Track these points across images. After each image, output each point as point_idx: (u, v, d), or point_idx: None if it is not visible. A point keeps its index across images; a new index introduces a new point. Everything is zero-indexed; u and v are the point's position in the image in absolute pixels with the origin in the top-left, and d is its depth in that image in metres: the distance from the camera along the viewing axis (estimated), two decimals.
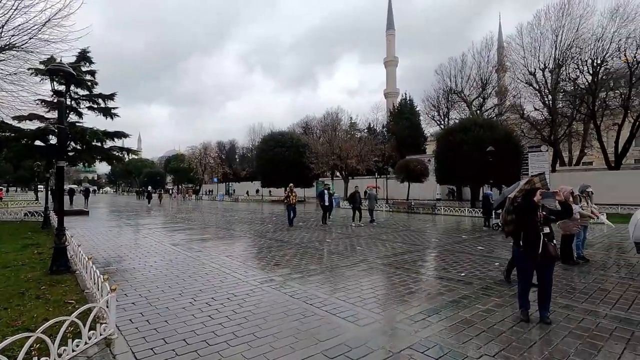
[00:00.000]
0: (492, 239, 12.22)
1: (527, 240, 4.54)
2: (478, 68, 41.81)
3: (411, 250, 10.09)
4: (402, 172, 34.15)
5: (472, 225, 16.73)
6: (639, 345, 3.96)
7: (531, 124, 37.36)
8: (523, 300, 4.73)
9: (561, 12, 34.27)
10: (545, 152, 31.73)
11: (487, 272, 7.31)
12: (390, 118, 54.56)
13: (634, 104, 30.96)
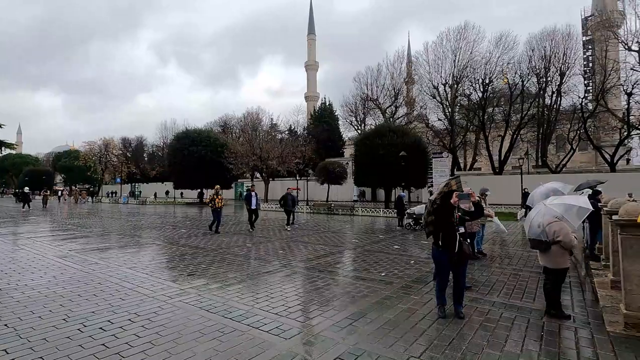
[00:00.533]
0: (406, 237, 13.04)
1: (445, 240, 4.76)
2: (391, 78, 45.12)
3: (333, 252, 10.13)
4: (322, 174, 34.92)
5: (387, 225, 17.73)
6: (535, 332, 4.42)
7: (435, 132, 41.62)
8: (441, 298, 4.96)
9: (459, 35, 38.93)
10: (446, 158, 35.58)
11: (405, 271, 7.64)
12: (311, 121, 55.62)
13: (512, 120, 36.65)
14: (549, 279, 5.00)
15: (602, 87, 32.45)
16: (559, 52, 34.02)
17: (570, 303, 5.55)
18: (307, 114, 68.30)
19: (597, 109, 33.18)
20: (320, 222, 19.18)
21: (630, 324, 4.27)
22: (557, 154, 40.78)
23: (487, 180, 32.44)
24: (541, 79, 34.85)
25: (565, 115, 35.64)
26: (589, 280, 6.89)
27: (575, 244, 4.82)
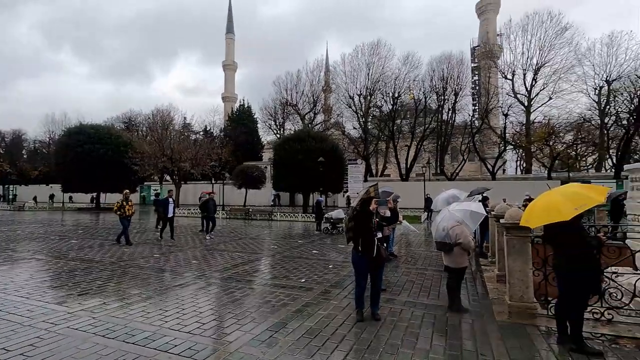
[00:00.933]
0: (324, 242, 13.32)
1: (364, 245, 4.94)
2: (310, 85, 46.22)
3: (251, 259, 9.79)
4: (240, 177, 33.86)
5: (306, 229, 17.93)
6: (441, 327, 4.84)
7: (350, 140, 43.88)
8: (359, 301, 5.11)
9: (372, 50, 41.87)
10: (360, 165, 37.65)
11: (324, 276, 7.74)
12: (228, 122, 53.65)
13: (417, 131, 40.68)
14: (451, 277, 5.56)
15: (486, 107, 38.21)
16: (454, 74, 38.97)
17: (467, 297, 6.25)
18: (225, 115, 65.80)
19: (482, 126, 38.86)
20: (238, 228, 18.49)
21: (514, 313, 4.96)
22: (452, 163, 46.48)
23: (395, 186, 35.27)
24: (440, 97, 39.43)
25: (458, 130, 40.90)
26: (480, 275, 7.88)
27: (473, 245, 5.45)
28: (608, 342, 4.24)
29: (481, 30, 59.86)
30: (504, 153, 39.43)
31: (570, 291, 4.03)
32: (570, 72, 33.86)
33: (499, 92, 38.87)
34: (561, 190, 4.10)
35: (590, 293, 4.11)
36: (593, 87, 32.89)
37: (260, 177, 35.00)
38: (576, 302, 4.02)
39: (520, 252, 4.92)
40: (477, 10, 64.62)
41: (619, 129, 32.17)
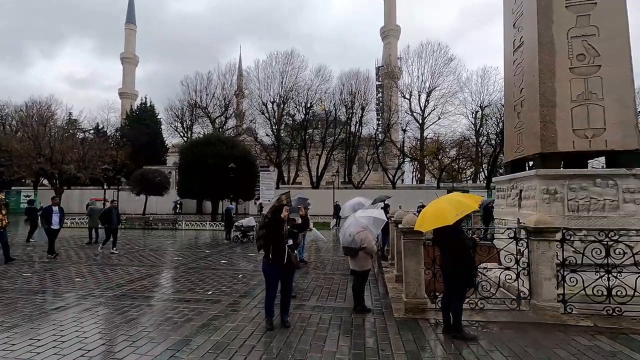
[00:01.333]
0: (234, 251, 12.88)
1: (275, 253, 4.93)
2: (222, 89, 44.56)
3: (151, 273, 8.92)
4: (139, 183, 30.67)
5: (214, 238, 17.09)
6: (346, 328, 5.09)
7: (263, 147, 43.56)
8: (269, 310, 5.07)
9: (286, 60, 42.55)
10: (272, 172, 37.60)
11: (233, 286, 7.47)
12: (126, 121, 48.22)
13: (327, 141, 42.46)
14: (357, 279, 5.92)
15: (388, 123, 42.04)
16: (361, 90, 41.98)
17: (370, 297, 6.72)
18: (122, 113, 59.05)
19: (385, 140, 42.57)
20: (135, 239, 16.63)
21: (409, 309, 5.51)
22: (359, 172, 49.69)
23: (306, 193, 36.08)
24: (348, 110, 41.98)
25: (364, 141, 44.02)
26: (381, 277, 8.55)
27: (376, 250, 5.90)
28: (480, 328, 5.00)
29: (384, 53, 65.87)
30: (402, 164, 43.81)
31: (453, 286, 4.67)
32: (454, 97, 39.73)
33: (399, 110, 43.29)
34: (446, 199, 4.75)
35: (467, 287, 4.81)
36: (471, 111, 39.08)
37: (164, 183, 32.25)
38: (457, 295, 4.67)
39: (414, 254, 5.52)
40: (382, 34, 71.08)
41: (490, 147, 38.67)
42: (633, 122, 6.40)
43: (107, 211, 12.78)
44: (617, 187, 6.05)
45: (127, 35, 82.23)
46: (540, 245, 5.22)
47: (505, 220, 7.58)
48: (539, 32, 6.63)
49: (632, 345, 4.33)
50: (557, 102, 6.46)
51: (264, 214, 5.12)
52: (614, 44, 6.35)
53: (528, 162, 7.64)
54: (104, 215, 12.68)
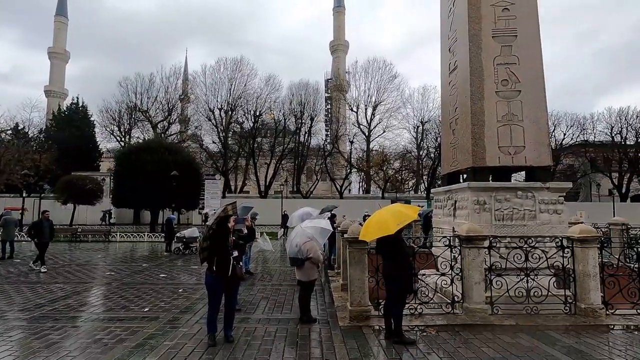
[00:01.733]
0: (174, 264, 12.18)
1: (219, 265, 4.76)
2: (166, 92, 42.40)
3: (78, 290, 8.09)
4: (67, 191, 27.82)
5: (153, 251, 16.02)
6: (292, 339, 5.05)
7: (209, 154, 42.07)
8: (212, 325, 4.86)
9: (235, 66, 41.89)
10: (218, 180, 36.47)
11: (172, 302, 7.05)
12: (53, 122, 43.65)
13: (276, 151, 42.27)
14: (303, 290, 5.92)
15: (336, 134, 43.10)
16: (310, 101, 42.63)
17: (316, 307, 6.75)
18: (48, 113, 53.41)
19: (333, 150, 43.50)
20: (60, 252, 14.98)
21: (353, 317, 5.63)
22: (307, 182, 50.01)
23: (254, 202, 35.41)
24: (298, 120, 42.32)
25: (313, 152, 44.57)
26: (327, 286, 8.65)
27: (322, 259, 5.97)
28: (419, 332, 5.27)
29: (333, 66, 67.77)
30: (349, 175, 45.01)
31: (394, 292, 4.89)
32: (397, 111, 42.07)
33: (347, 122, 44.68)
34: (388, 209, 4.99)
35: (407, 293, 5.06)
36: (413, 126, 41.60)
37: (96, 191, 29.62)
38: (397, 301, 4.89)
39: (359, 262, 5.68)
40: (331, 48, 73.15)
41: (429, 160, 41.32)
42: (546, 142, 7.29)
43: (37, 223, 11.16)
44: (534, 199, 6.80)
45: (57, 28, 75.09)
46: (470, 252, 5.68)
47: (442, 228, 8.12)
48: (470, 58, 7.30)
49: (547, 341, 4.85)
50: (486, 122, 7.13)
51: (209, 224, 4.93)
52: (531, 72, 7.21)
53: (462, 175, 8.29)
54: (34, 228, 11.03)
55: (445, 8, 8.94)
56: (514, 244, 6.01)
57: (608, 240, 9.83)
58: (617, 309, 5.70)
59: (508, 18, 7.37)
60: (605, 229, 11.14)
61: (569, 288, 5.88)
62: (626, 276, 5.99)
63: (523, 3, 7.41)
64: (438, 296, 6.44)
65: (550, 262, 5.90)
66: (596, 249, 5.75)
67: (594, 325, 5.33)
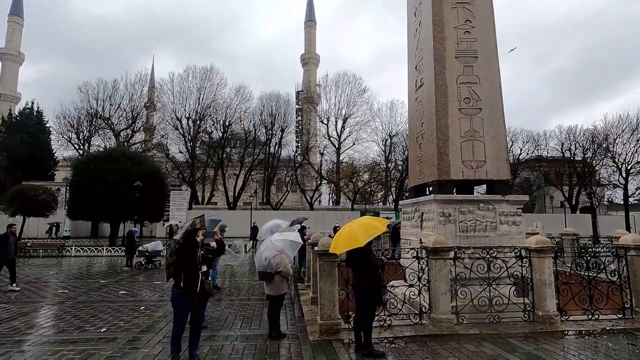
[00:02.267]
0: (136, 279, 11.55)
1: (187, 280, 4.55)
2: (130, 100, 40.80)
3: (25, 311, 7.45)
4: (16, 201, 25.75)
5: (112, 266, 15.12)
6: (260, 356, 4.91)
7: (175, 164, 40.74)
8: (176, 345, 4.63)
9: (205, 75, 41.27)
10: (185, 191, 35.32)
11: (133, 320, 6.65)
12: (3, 128, 40.61)
13: (246, 161, 41.71)
14: (272, 304, 5.80)
15: (307, 146, 43.30)
16: (281, 112, 42.60)
17: (286, 321, 6.62)
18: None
19: (303, 162, 43.59)
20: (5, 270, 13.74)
21: (323, 331, 5.58)
22: (277, 193, 49.59)
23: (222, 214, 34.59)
24: (268, 131, 42.11)
25: (283, 163, 44.42)
26: (297, 299, 8.53)
27: (291, 273, 5.90)
28: (388, 344, 5.31)
29: (304, 78, 68.53)
30: (320, 186, 45.17)
31: (363, 305, 4.90)
32: (367, 125, 43.02)
33: (317, 134, 45.04)
34: (357, 222, 5.05)
35: (377, 305, 5.09)
36: (382, 139, 42.63)
37: (49, 202, 27.62)
38: (367, 313, 4.91)
39: (329, 275, 5.66)
40: (302, 61, 73.99)
41: (397, 173, 42.39)
42: (505, 157, 7.72)
43: (3, 238, 10.04)
44: (495, 211, 7.14)
45: (11, 28, 70.68)
46: (437, 263, 5.84)
47: (410, 240, 8.30)
48: (435, 77, 7.65)
49: (508, 348, 5.05)
50: (450, 137, 7.46)
51: (175, 238, 4.72)
52: (490, 92, 7.66)
53: (428, 187, 8.57)
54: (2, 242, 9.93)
55: (412, 27, 9.35)
56: (477, 254, 6.26)
57: (561, 250, 10.47)
58: (570, 315, 6.04)
59: (469, 40, 7.81)
60: (558, 239, 11.87)
61: (528, 296, 6.18)
62: (577, 284, 6.39)
63: (482, 27, 7.90)
64: (407, 307, 6.53)
65: (510, 271, 6.19)
66: (551, 258, 6.10)
67: (550, 331, 5.62)
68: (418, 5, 8.94)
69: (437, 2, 7.93)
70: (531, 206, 43.31)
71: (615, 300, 6.33)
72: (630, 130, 37.43)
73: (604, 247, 11.64)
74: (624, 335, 5.51)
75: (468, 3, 7.98)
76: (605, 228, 33.84)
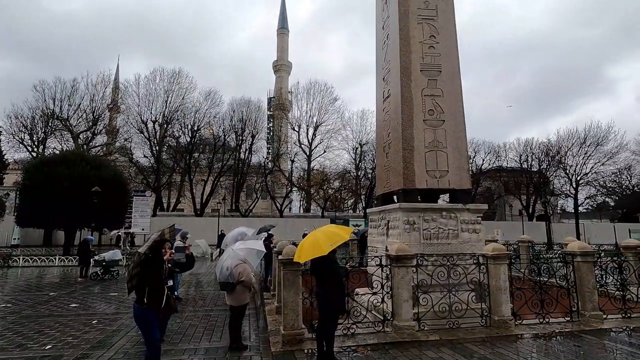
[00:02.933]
0: (90, 291, 10.85)
1: (152, 295, 4.20)
2: (91, 100, 38.77)
3: None
4: None
5: (65, 277, 14.15)
6: None
7: (139, 169, 39.06)
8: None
9: (173, 78, 40.14)
10: (149, 197, 33.96)
11: (83, 336, 6.22)
12: None
13: (215, 167, 40.76)
14: (234, 315, 5.64)
15: (278, 152, 43.03)
16: (252, 118, 42.12)
17: (248, 332, 6.45)
18: None
19: (274, 168, 43.22)
20: None
21: (286, 342, 5.48)
22: (247, 200, 48.77)
23: (189, 221, 33.54)
24: (238, 137, 41.45)
25: (253, 169, 43.82)
26: (262, 309, 8.35)
27: (254, 282, 5.76)
28: (352, 352, 5.30)
29: (276, 85, 68.37)
30: (290, 193, 44.94)
31: (326, 314, 4.87)
32: (338, 133, 43.49)
33: (288, 141, 44.91)
34: (322, 230, 5.03)
35: (340, 314, 5.07)
36: (352, 147, 43.23)
37: None
38: (330, 323, 4.88)
39: (292, 284, 5.59)
40: (274, 68, 73.88)
41: (367, 181, 43.05)
42: (466, 167, 8.03)
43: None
44: (457, 219, 7.38)
45: None
46: (400, 271, 5.93)
47: (376, 247, 8.40)
48: (401, 89, 7.87)
49: (465, 353, 5.19)
50: (415, 147, 7.67)
51: (140, 251, 4.31)
52: (452, 105, 7.97)
53: (395, 195, 8.75)
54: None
55: (381, 40, 9.59)
56: (439, 261, 6.43)
57: (517, 256, 11.00)
58: (524, 319, 6.33)
59: (434, 55, 8.12)
60: (515, 246, 12.48)
61: (485, 302, 6.41)
62: (530, 289, 6.72)
63: (446, 42, 8.24)
64: (372, 314, 6.57)
65: (469, 278, 6.40)
66: (506, 265, 6.38)
67: (506, 335, 5.84)
68: (386, 19, 9.21)
69: (403, 17, 8.21)
70: (492, 214, 45.41)
71: (564, 304, 6.70)
72: (579, 144, 40.41)
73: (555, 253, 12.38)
74: (571, 337, 5.83)
75: (433, 19, 8.31)
76: (559, 235, 36.01)
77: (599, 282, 7.28)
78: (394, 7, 8.45)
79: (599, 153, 40.05)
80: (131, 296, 4.48)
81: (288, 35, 75.89)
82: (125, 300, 8.10)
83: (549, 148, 42.55)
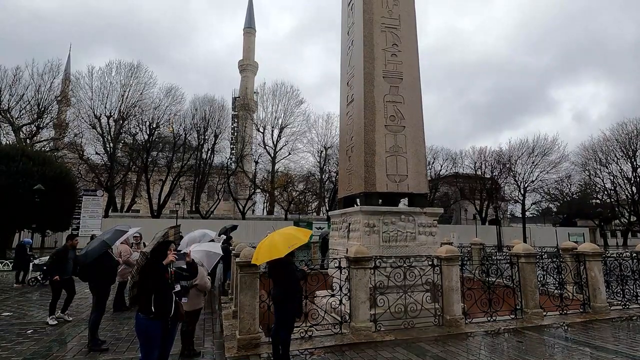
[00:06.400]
0: (28, 298, 9.95)
1: (159, 304, 3.78)
2: (37, 92, 35.77)
3: None
4: None
5: None
6: None
7: (90, 167, 36.61)
8: None
9: (130, 72, 38.03)
10: (100, 197, 31.89)
11: (14, 348, 5.65)
12: None
13: (174, 166, 39.16)
14: (186, 321, 5.38)
15: (241, 153, 42.20)
16: (215, 117, 41.00)
17: (202, 338, 6.20)
18: None
19: (237, 169, 42.35)
20: None
21: (242, 346, 5.33)
22: (208, 201, 47.33)
23: (145, 222, 31.87)
24: (200, 136, 40.16)
25: (215, 170, 42.63)
26: (219, 313, 8.09)
27: (209, 286, 5.56)
28: (309, 355, 5.26)
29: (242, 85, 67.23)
30: (253, 195, 44.22)
31: (282, 317, 4.80)
32: (303, 136, 43.40)
33: (253, 142, 44.22)
34: (280, 232, 4.97)
35: (296, 317, 5.02)
36: (317, 150, 43.36)
37: None
38: (286, 326, 4.81)
39: (250, 287, 5.46)
40: (239, 67, 72.65)
41: (331, 184, 43.41)
42: (424, 172, 8.32)
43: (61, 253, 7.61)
44: (414, 222, 7.62)
45: None
46: (358, 272, 6.01)
47: (337, 250, 8.45)
48: (364, 94, 8.01)
49: (418, 352, 5.34)
50: (376, 151, 7.83)
51: (143, 251, 3.86)
52: (413, 112, 8.24)
53: (356, 199, 8.86)
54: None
55: (345, 45, 9.73)
56: (396, 263, 6.58)
57: (470, 258, 11.55)
58: (473, 318, 6.64)
59: (396, 62, 8.36)
60: (468, 249, 13.12)
61: (439, 302, 6.65)
62: (480, 289, 7.07)
63: (407, 52, 8.52)
64: (330, 316, 6.58)
65: (424, 279, 6.62)
66: (458, 266, 6.67)
67: (456, 334, 6.10)
68: (351, 25, 9.36)
69: (368, 24, 8.38)
70: (449, 218, 47.56)
71: (509, 302, 7.14)
72: (528, 154, 43.57)
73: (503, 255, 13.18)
74: (515, 334, 6.20)
75: (395, 28, 8.56)
76: (508, 238, 38.42)
77: (540, 282, 7.82)
78: (359, 14, 8.61)
79: (544, 162, 43.48)
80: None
81: (255, 35, 75.05)
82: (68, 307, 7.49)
83: (500, 156, 45.46)
